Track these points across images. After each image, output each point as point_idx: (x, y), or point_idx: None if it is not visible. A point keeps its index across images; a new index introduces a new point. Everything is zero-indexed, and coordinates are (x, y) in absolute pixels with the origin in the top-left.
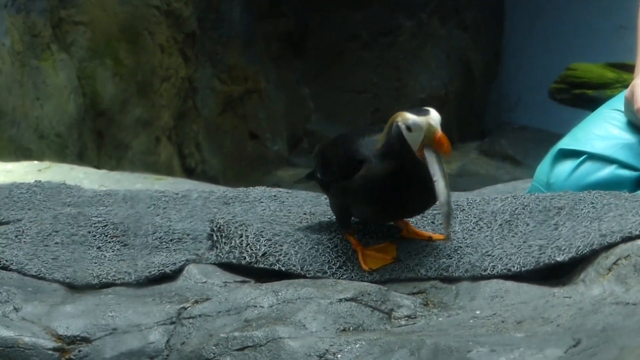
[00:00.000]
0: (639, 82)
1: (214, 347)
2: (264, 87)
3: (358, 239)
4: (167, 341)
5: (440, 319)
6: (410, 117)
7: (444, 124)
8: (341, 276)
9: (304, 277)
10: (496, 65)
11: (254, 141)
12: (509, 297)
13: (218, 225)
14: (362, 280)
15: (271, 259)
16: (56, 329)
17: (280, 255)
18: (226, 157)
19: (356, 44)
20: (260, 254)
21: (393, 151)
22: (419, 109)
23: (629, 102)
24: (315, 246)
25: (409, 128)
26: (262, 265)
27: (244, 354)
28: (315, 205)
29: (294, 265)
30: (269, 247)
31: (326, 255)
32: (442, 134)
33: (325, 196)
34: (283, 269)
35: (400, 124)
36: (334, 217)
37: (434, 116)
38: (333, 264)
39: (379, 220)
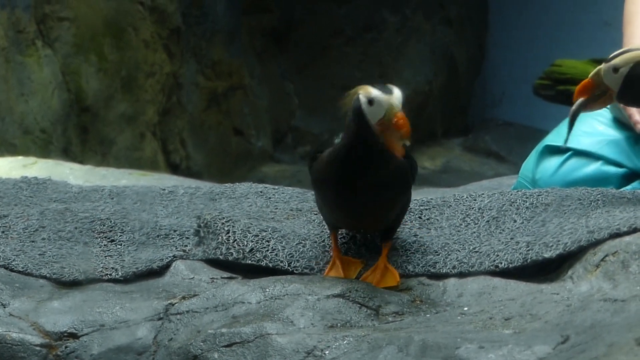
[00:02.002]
0: None
1: (201, 343)
2: (248, 83)
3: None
4: (155, 337)
5: (428, 315)
6: (374, 91)
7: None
8: None
9: (292, 273)
10: (480, 60)
11: (238, 137)
12: (496, 294)
13: (205, 221)
14: None
15: (258, 255)
16: (43, 325)
17: (268, 251)
18: (210, 153)
19: (340, 39)
20: (247, 250)
21: (349, 125)
22: (383, 86)
23: None
24: (302, 242)
25: (370, 102)
26: (249, 262)
27: (231, 350)
28: (302, 201)
29: (281, 262)
30: (256, 243)
31: (313, 251)
32: (403, 115)
33: (313, 192)
34: (270, 265)
35: (361, 96)
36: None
37: (397, 95)
38: (320, 260)
39: (338, 218)
